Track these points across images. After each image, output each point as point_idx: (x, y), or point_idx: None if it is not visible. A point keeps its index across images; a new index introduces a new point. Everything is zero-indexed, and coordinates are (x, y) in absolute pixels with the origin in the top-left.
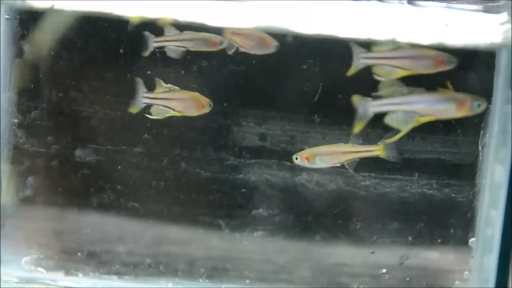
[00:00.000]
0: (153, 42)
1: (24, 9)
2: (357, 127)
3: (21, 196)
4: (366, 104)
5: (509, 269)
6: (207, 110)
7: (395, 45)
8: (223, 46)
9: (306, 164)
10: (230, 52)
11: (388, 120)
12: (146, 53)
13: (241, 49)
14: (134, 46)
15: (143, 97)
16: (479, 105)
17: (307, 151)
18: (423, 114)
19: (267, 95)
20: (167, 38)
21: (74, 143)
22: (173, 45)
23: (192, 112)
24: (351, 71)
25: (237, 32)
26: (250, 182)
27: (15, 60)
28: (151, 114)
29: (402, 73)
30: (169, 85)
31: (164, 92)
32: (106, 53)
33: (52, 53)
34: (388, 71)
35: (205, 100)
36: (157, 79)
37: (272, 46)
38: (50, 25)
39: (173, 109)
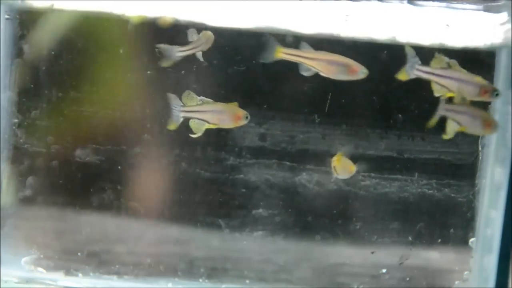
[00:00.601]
0: (178, 52)
1: (24, 9)
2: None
3: (21, 196)
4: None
5: (509, 269)
6: (243, 122)
7: (451, 64)
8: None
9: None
10: (307, 74)
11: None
12: (167, 64)
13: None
14: (134, 46)
15: (180, 111)
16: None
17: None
18: (212, 122)
19: (267, 95)
20: (192, 46)
21: (74, 143)
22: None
23: (228, 124)
24: (403, 77)
25: (292, 52)
26: (250, 182)
27: (15, 60)
28: (191, 130)
29: (449, 94)
30: (201, 98)
31: (199, 104)
32: (106, 53)
33: (52, 53)
34: (438, 90)
35: (242, 112)
36: (188, 91)
37: (358, 73)
38: (50, 25)
39: (208, 122)
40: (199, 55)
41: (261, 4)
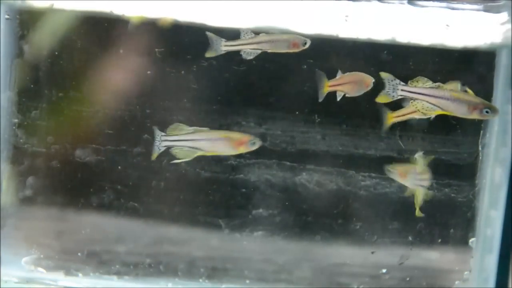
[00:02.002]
0: (223, 46)
1: (24, 9)
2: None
3: (21, 196)
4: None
5: (509, 269)
6: (249, 148)
7: (435, 84)
8: (307, 46)
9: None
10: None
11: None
12: (211, 55)
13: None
14: (134, 46)
15: (162, 141)
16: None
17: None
18: (206, 150)
19: (267, 95)
20: (241, 42)
21: (74, 143)
22: (250, 48)
23: (228, 151)
24: (383, 100)
25: (334, 83)
26: (250, 182)
27: (15, 60)
28: (176, 158)
29: (439, 112)
30: (194, 128)
31: (189, 133)
32: (106, 53)
33: (52, 53)
34: (428, 108)
35: (246, 138)
36: (177, 124)
37: (370, 84)
38: (50, 25)
39: (202, 150)
40: (247, 53)
41: (261, 4)
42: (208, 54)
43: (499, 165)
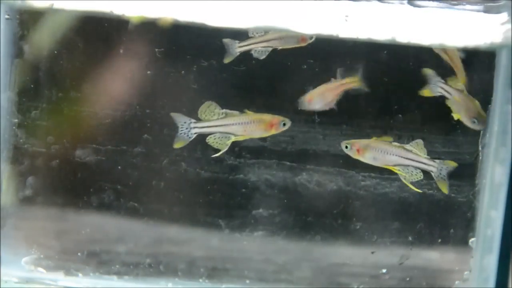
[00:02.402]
0: (237, 48)
1: (24, 9)
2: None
3: (21, 196)
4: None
5: (509, 269)
6: (280, 129)
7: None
8: (313, 40)
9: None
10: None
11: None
12: (229, 59)
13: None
14: (134, 46)
15: (191, 128)
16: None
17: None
18: (238, 134)
19: (267, 95)
20: (252, 41)
21: (74, 143)
22: (261, 47)
23: (260, 133)
24: (426, 93)
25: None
26: (250, 182)
27: (15, 60)
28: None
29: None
30: (224, 110)
31: (220, 118)
32: (106, 53)
33: (52, 53)
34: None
35: (277, 119)
36: (209, 102)
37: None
38: (50, 25)
39: (235, 134)
40: (258, 52)
41: (261, 4)
42: (226, 60)
43: (499, 165)
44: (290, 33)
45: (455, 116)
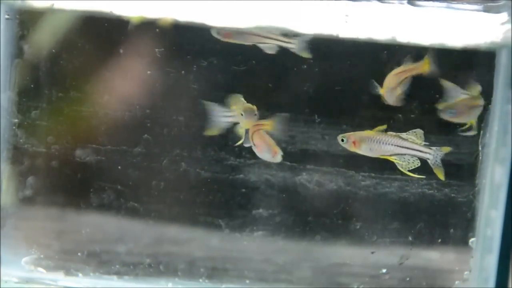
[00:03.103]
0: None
1: (24, 9)
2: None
3: (21, 196)
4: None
5: (509, 269)
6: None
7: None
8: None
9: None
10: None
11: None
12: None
13: None
14: (134, 46)
15: (223, 116)
16: None
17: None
18: None
19: (267, 95)
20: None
21: (74, 143)
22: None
23: None
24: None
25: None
26: (250, 182)
27: (15, 60)
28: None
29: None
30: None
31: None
32: (106, 53)
33: (52, 53)
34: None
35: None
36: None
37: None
38: (50, 25)
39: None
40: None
41: (261, 4)
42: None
43: (499, 165)
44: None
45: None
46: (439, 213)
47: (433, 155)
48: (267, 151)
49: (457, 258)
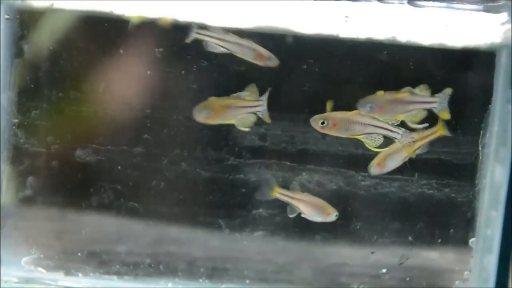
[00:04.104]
0: (195, 33)
1: (24, 9)
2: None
3: (21, 196)
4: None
5: (509, 269)
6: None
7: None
8: (271, 62)
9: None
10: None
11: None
12: (188, 40)
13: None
14: (134, 46)
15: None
16: None
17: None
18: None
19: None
20: (210, 34)
21: (74, 143)
22: (216, 43)
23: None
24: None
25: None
26: (250, 182)
27: (15, 60)
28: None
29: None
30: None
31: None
32: (106, 53)
33: (52, 53)
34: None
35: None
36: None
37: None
38: (50, 25)
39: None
40: (212, 46)
41: (261, 4)
42: (186, 40)
43: (499, 165)
44: (251, 45)
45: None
46: (439, 213)
47: (401, 134)
48: (319, 213)
49: (457, 258)
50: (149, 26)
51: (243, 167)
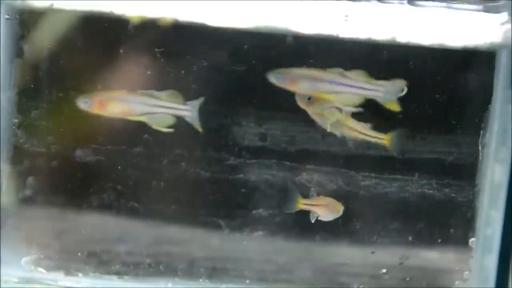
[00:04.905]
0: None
1: (24, 9)
2: None
3: (21, 196)
4: None
5: (509, 269)
6: None
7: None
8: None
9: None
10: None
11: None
12: None
13: None
14: (134, 46)
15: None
16: None
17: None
18: None
19: (267, 95)
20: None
21: (74, 143)
22: None
23: None
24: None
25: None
26: (250, 182)
27: (15, 60)
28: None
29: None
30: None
31: None
32: (106, 53)
33: (52, 53)
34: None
35: None
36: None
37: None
38: (50, 25)
39: None
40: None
41: (261, 4)
42: None
43: (499, 165)
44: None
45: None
46: (439, 213)
47: (190, 110)
48: (333, 212)
49: (457, 258)
50: (149, 26)
51: (243, 167)
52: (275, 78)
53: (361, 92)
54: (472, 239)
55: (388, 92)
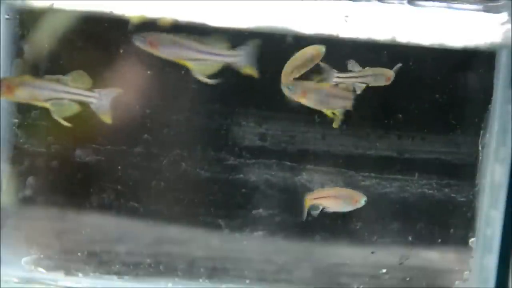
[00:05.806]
0: (335, 78)
1: (24, 9)
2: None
3: (21, 196)
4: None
5: (509, 269)
6: None
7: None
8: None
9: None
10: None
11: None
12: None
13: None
14: (134, 46)
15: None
16: None
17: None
18: None
19: (267, 95)
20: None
21: (74, 143)
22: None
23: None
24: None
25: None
26: (250, 182)
27: (15, 60)
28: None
29: None
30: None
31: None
32: (106, 53)
33: (52, 53)
34: None
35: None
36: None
37: (360, 201)
38: (50, 25)
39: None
40: (356, 86)
41: (261, 4)
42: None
43: (499, 165)
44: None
45: None
46: (439, 213)
47: (98, 98)
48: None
49: (457, 258)
50: (149, 26)
51: (243, 167)
52: (139, 41)
53: (217, 59)
54: (472, 239)
55: (246, 56)
